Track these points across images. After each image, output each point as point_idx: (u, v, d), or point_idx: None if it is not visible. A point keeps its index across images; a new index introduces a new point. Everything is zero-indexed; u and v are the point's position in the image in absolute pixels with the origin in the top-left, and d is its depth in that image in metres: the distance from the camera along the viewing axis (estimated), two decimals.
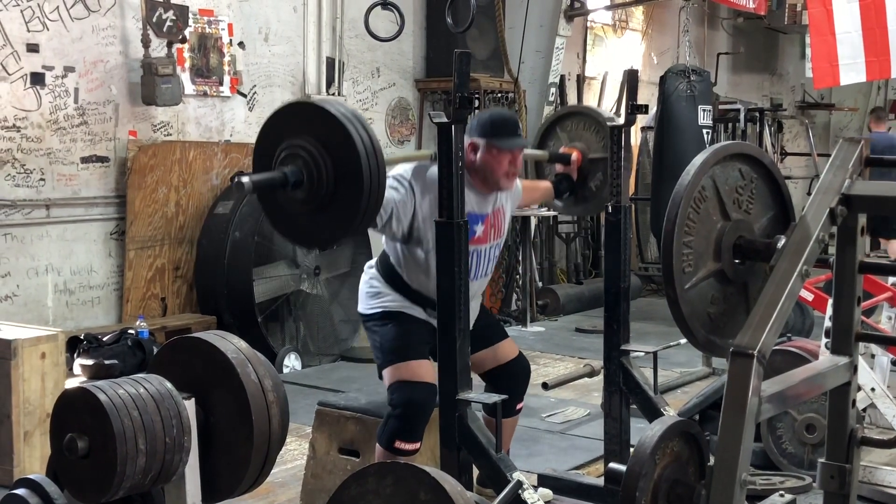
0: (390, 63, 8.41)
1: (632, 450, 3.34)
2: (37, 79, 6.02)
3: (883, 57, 7.35)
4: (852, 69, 7.45)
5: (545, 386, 5.53)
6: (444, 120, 3.15)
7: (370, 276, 3.71)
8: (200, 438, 2.60)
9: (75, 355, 5.50)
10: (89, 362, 5.44)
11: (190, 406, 2.55)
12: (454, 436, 3.20)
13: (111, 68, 6.41)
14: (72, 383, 4.43)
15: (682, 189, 2.63)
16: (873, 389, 4.41)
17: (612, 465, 2.77)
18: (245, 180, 2.78)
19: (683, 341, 3.00)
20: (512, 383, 3.79)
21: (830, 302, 2.91)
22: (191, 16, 6.73)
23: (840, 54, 7.42)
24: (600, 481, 3.83)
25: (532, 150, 4.11)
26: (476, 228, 3.56)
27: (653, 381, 3.78)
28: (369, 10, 5.10)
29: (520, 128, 3.67)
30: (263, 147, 2.92)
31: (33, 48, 6.00)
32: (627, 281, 3.85)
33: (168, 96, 6.41)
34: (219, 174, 6.99)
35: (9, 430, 4.21)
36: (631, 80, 3.96)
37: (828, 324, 4.03)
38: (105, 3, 6.36)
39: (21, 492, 2.66)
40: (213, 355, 2.64)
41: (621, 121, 3.86)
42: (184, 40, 6.67)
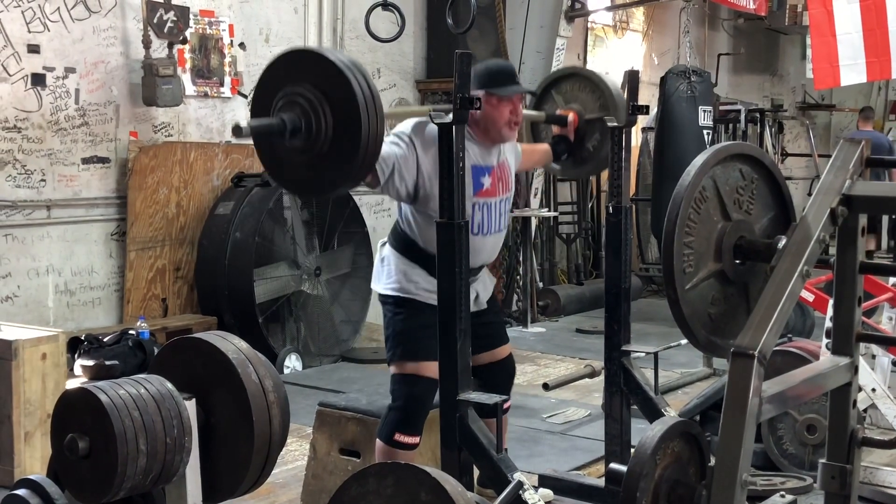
0: (391, 64, 8.41)
1: (632, 450, 3.34)
2: (38, 80, 6.03)
3: (883, 58, 7.34)
4: (853, 70, 7.44)
5: (546, 387, 5.53)
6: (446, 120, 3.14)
7: (383, 253, 3.68)
8: (201, 439, 2.60)
9: (76, 356, 5.49)
10: (90, 363, 5.43)
11: (191, 406, 2.55)
12: (455, 436, 3.20)
13: (112, 69, 6.41)
14: (72, 384, 4.43)
15: (682, 189, 2.63)
16: (874, 390, 4.41)
17: (613, 465, 2.78)
18: (243, 124, 2.75)
19: (684, 342, 3.00)
20: (499, 380, 3.80)
21: (831, 302, 2.91)
22: (191, 17, 6.73)
23: (841, 55, 7.41)
24: (601, 482, 3.83)
25: (529, 111, 4.08)
26: (483, 181, 3.54)
27: (653, 381, 3.78)
28: (370, 10, 5.10)
29: (517, 75, 3.64)
30: (262, 94, 2.88)
31: (34, 49, 6.00)
32: (628, 281, 3.84)
33: (169, 97, 6.42)
34: (219, 175, 6.99)
35: (9, 431, 4.21)
36: (632, 81, 3.96)
37: (828, 324, 4.03)
38: (106, 4, 6.36)
39: (22, 492, 2.65)
40: (213, 356, 2.64)
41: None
42: (184, 41, 6.67)
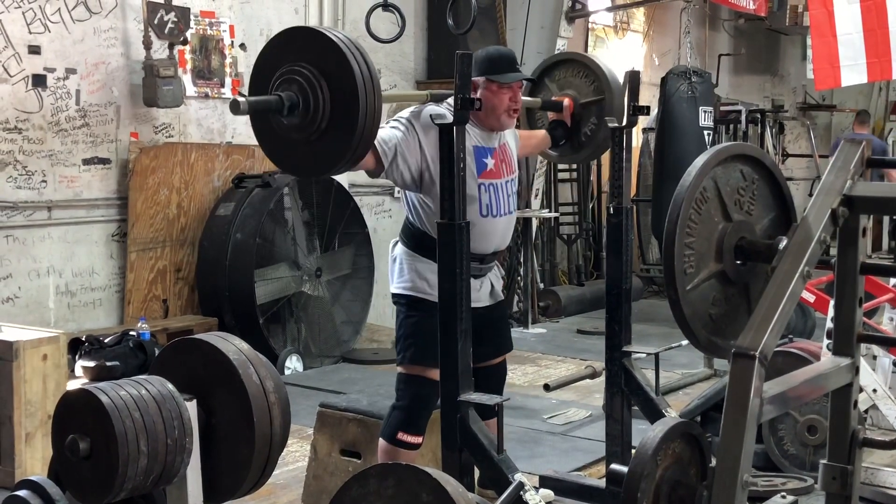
0: (391, 64, 8.41)
1: (633, 451, 3.34)
2: (38, 80, 6.03)
3: (884, 58, 7.33)
4: (853, 70, 7.43)
5: (547, 387, 5.53)
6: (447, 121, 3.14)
7: (395, 253, 3.69)
8: (202, 440, 2.60)
9: (77, 357, 5.49)
10: (91, 364, 5.43)
11: (191, 407, 2.55)
12: (456, 437, 3.20)
13: (112, 70, 6.41)
14: (73, 385, 4.43)
15: (683, 190, 2.63)
16: (875, 391, 4.41)
17: (614, 466, 2.78)
18: (241, 100, 2.75)
19: (685, 343, 3.00)
20: (492, 382, 3.80)
21: (832, 303, 2.91)
22: (192, 17, 6.73)
23: (841, 55, 7.40)
24: (602, 483, 3.82)
25: (525, 98, 4.10)
26: (487, 161, 3.57)
27: (654, 382, 3.78)
28: (370, 11, 5.08)
29: (517, 62, 3.65)
30: (260, 73, 2.88)
31: (35, 50, 6.00)
32: (629, 282, 3.84)
33: (169, 98, 6.42)
34: (220, 176, 6.99)
35: (10, 432, 4.21)
36: (632, 82, 3.96)
37: (829, 325, 4.04)
38: (106, 5, 6.36)
39: (23, 493, 2.66)
40: (214, 357, 2.64)
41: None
42: (185, 42, 6.68)
